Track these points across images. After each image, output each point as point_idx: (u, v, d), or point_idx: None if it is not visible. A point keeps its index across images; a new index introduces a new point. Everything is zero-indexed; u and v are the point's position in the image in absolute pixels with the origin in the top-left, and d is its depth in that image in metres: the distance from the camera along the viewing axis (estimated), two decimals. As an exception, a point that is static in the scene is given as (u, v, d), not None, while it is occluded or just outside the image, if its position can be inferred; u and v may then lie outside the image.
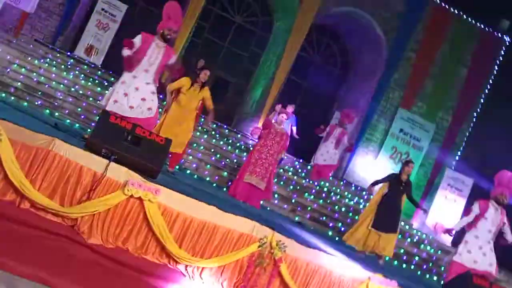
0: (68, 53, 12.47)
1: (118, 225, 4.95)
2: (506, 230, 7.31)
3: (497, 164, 16.66)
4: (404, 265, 10.59)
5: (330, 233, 10.25)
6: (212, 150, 10.88)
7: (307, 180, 11.99)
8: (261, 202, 8.93)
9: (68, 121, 8.87)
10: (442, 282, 10.45)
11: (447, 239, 13.28)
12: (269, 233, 5.42)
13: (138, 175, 4.95)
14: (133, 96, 6.12)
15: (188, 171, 9.62)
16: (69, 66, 11.44)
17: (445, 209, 14.06)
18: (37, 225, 4.65)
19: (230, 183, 9.70)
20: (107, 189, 4.85)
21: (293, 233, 6.57)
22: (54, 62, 11.23)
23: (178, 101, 7.72)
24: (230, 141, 12.27)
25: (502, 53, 16.35)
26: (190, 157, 9.93)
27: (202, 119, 9.63)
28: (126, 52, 6.15)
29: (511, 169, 8.29)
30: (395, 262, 10.28)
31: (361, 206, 12.37)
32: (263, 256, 5.34)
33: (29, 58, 10.52)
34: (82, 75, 11.29)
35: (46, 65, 10.69)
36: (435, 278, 10.88)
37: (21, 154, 4.65)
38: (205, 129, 11.72)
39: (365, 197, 13.63)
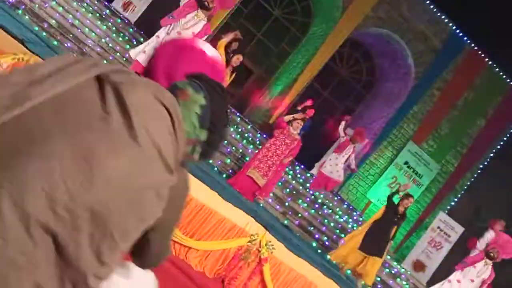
0: (106, 3, 12.45)
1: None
2: None
3: (489, 217, 16.80)
4: (377, 292, 10.65)
5: (314, 244, 10.29)
6: (220, 135, 10.90)
7: (303, 187, 12.02)
8: (255, 197, 8.96)
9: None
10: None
11: (423, 278, 13.34)
12: (261, 232, 5.47)
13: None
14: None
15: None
16: (104, 16, 11.43)
17: (429, 251, 14.09)
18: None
19: (230, 171, 9.75)
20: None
21: (284, 237, 6.60)
22: (91, 9, 11.22)
23: None
24: (240, 129, 12.29)
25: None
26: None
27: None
28: None
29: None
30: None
31: (349, 226, 12.42)
32: (249, 252, 5.38)
33: (69, -1, 10.55)
34: (114, 28, 11.28)
35: (83, 9, 10.69)
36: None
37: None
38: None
39: (355, 217, 13.68)
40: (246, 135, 12.30)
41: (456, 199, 16.36)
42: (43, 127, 1.04)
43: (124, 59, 10.27)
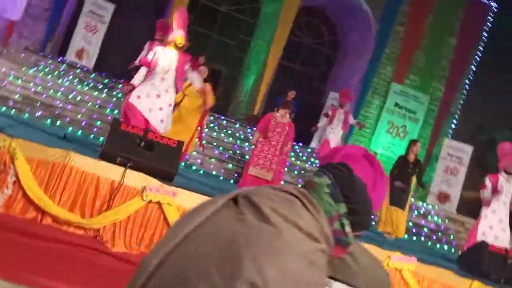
0: (60, 59, 12.41)
1: (140, 231, 5.00)
2: None
3: (493, 129, 16.93)
4: (414, 238, 10.72)
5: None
6: (214, 143, 10.92)
7: (310, 163, 12.07)
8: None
9: (70, 128, 8.88)
10: (453, 251, 10.66)
11: (452, 207, 13.44)
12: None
13: (155, 180, 4.99)
14: (155, 101, 6.16)
15: (194, 167, 9.67)
16: (62, 73, 11.39)
17: (447, 178, 14.18)
18: (60, 239, 4.70)
19: (236, 175, 9.77)
20: (125, 196, 4.90)
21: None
22: (48, 69, 11.18)
23: (184, 101, 7.75)
24: (230, 132, 12.30)
25: (490, 19, 16.41)
26: (194, 153, 9.96)
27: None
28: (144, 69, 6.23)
29: (505, 133, 8.59)
30: (405, 236, 10.38)
31: (365, 184, 12.46)
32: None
33: (23, 68, 10.47)
34: (76, 80, 11.26)
35: (41, 73, 10.65)
36: (445, 247, 11.04)
37: (38, 171, 4.68)
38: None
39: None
40: (237, 134, 12.31)
41: (455, 121, 16.46)
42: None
43: (97, 106, 10.26)
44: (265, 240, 1.16)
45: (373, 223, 8.65)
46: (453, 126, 16.43)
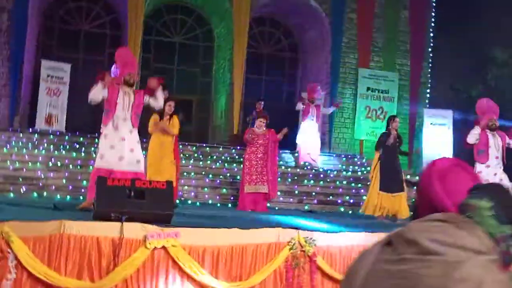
0: (30, 130, 12.31)
1: (152, 279, 4.95)
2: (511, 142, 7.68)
3: (465, 88, 17.12)
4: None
5: (342, 209, 10.36)
6: (203, 172, 10.87)
7: (299, 167, 12.08)
8: (268, 204, 8.95)
9: (58, 196, 8.80)
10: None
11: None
12: (295, 233, 5.48)
13: (154, 226, 4.95)
14: (121, 147, 6.13)
15: (189, 201, 9.62)
16: (36, 143, 11.29)
17: (436, 146, 14.27)
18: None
19: (232, 198, 9.74)
20: (129, 250, 4.85)
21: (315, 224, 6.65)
22: (21, 143, 11.08)
23: (154, 138, 7.74)
24: (215, 157, 12.27)
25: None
26: (186, 187, 9.91)
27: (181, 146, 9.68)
28: (99, 90, 6.15)
29: (480, 88, 8.71)
30: (411, 213, 10.42)
31: (359, 173, 12.52)
32: (297, 257, 5.40)
33: (-4, 149, 10.38)
34: (52, 146, 11.16)
35: (15, 149, 10.55)
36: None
37: (37, 248, 4.61)
38: (186, 154, 11.69)
39: (359, 163, 13.81)
40: (222, 157, 12.29)
41: (428, 90, 16.60)
42: None
43: (79, 166, 10.18)
44: (437, 270, 1.21)
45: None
46: (427, 95, 16.57)
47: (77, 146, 11.48)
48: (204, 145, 13.21)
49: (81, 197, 8.74)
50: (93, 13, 15.91)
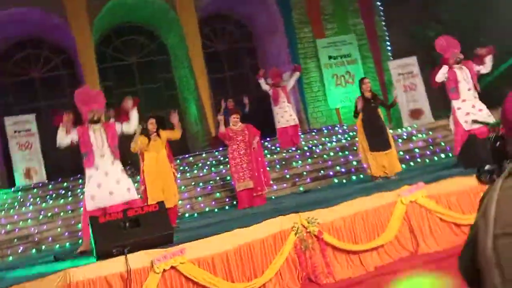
0: (12, 189, 12.15)
1: (170, 302, 4.93)
2: (480, 67, 7.75)
3: (422, 29, 17.20)
4: (411, 163, 10.82)
5: (336, 180, 10.40)
6: (193, 183, 10.84)
7: (285, 152, 12.07)
8: (264, 194, 8.93)
9: (57, 246, 8.72)
10: (451, 155, 10.80)
11: (429, 119, 13.61)
12: (296, 217, 5.49)
13: (158, 250, 4.92)
14: (108, 182, 6.09)
15: (187, 215, 9.59)
16: (21, 200, 11.15)
17: (409, 94, 14.33)
18: None
19: (228, 199, 9.73)
20: (140, 279, 4.81)
21: (315, 202, 6.69)
22: (6, 205, 10.94)
23: (147, 160, 7.69)
24: (200, 164, 12.23)
25: None
26: (180, 201, 9.86)
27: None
28: (63, 134, 6.09)
29: (434, 26, 8.82)
30: (403, 166, 10.48)
31: (343, 141, 12.57)
32: (304, 240, 5.42)
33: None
34: (38, 199, 11.03)
35: (2, 212, 10.41)
36: (443, 156, 11.18)
37: (48, 303, 4.57)
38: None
39: (341, 131, 13.86)
40: (208, 163, 12.25)
41: (388, 42, 16.68)
42: None
43: (70, 211, 10.08)
44: None
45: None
46: (388, 48, 16.65)
47: (63, 192, 11.36)
48: (187, 155, 13.15)
49: (79, 241, 8.66)
50: (42, 58, 15.71)
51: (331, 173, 10.78)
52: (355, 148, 11.61)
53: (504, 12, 14.01)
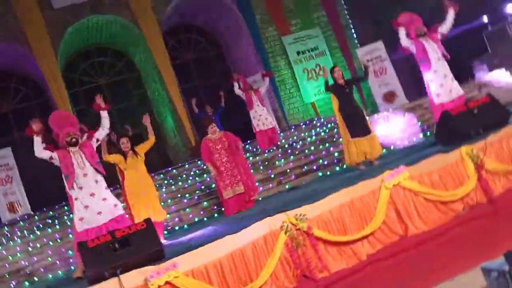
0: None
1: (169, 320, 4.91)
2: (442, 26, 7.87)
3: (385, 17, 17.37)
4: (392, 148, 10.90)
5: (320, 174, 10.44)
6: (179, 195, 10.80)
7: (267, 152, 12.11)
8: (253, 198, 8.93)
9: (50, 276, 8.63)
10: (429, 133, 10.92)
11: (403, 100, 13.74)
12: (284, 216, 5.51)
13: (150, 267, 4.91)
14: (95, 202, 6.07)
15: (177, 227, 9.56)
16: (9, 235, 11.01)
17: (380, 78, 14.43)
18: None
19: (216, 207, 9.72)
20: (136, 299, 4.80)
21: (302, 198, 6.71)
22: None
23: (128, 178, 7.67)
24: (184, 175, 12.21)
25: None
26: (168, 215, 9.81)
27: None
28: (38, 142, 6.13)
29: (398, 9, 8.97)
30: (384, 150, 10.56)
31: (323, 134, 12.64)
32: (295, 237, 5.43)
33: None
34: (26, 232, 10.91)
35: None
36: (421, 136, 11.28)
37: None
38: (157, 184, 11.56)
39: (319, 124, 13.93)
40: (192, 173, 12.23)
41: (353, 30, 16.82)
42: None
43: (59, 240, 9.97)
44: None
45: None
46: (354, 36, 16.79)
47: (50, 221, 11.24)
48: (170, 168, 13.12)
49: (72, 267, 8.60)
50: (12, 91, 15.56)
51: (314, 167, 10.82)
52: (334, 139, 11.69)
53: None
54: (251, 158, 11.85)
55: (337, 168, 10.43)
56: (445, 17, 8.09)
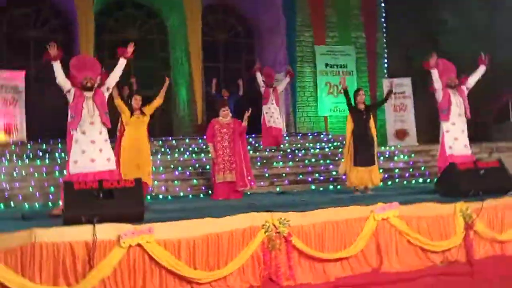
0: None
1: (130, 278, 4.92)
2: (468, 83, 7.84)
3: (420, 54, 17.37)
4: (389, 183, 10.92)
5: (313, 187, 10.46)
6: (172, 166, 10.82)
7: (268, 151, 12.12)
8: (242, 189, 8.92)
9: (26, 205, 8.65)
10: (429, 181, 10.93)
11: (413, 141, 13.75)
12: (268, 216, 5.51)
13: (127, 225, 4.91)
14: (92, 150, 6.13)
15: (161, 196, 9.57)
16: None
17: (398, 114, 14.42)
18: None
19: (204, 188, 9.74)
20: (104, 251, 4.80)
21: (292, 204, 6.73)
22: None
23: (127, 136, 7.70)
24: (182, 149, 12.22)
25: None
26: (156, 182, 9.85)
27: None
28: (58, 66, 6.12)
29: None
30: (381, 184, 10.56)
31: (326, 149, 12.65)
32: (272, 239, 5.44)
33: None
34: (15, 156, 10.94)
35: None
36: (420, 180, 11.30)
37: (8, 260, 4.52)
38: (153, 150, 11.57)
39: (325, 139, 13.94)
40: (190, 149, 12.25)
41: (385, 60, 16.80)
42: None
43: (45, 174, 9.98)
44: None
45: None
46: (385, 65, 16.77)
47: (41, 153, 11.28)
48: (170, 138, 13.14)
49: (49, 204, 8.63)
50: (40, 18, 15.56)
51: (309, 179, 10.83)
52: (336, 158, 11.69)
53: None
54: (251, 152, 11.81)
55: (331, 187, 10.45)
56: (474, 69, 8.12)
